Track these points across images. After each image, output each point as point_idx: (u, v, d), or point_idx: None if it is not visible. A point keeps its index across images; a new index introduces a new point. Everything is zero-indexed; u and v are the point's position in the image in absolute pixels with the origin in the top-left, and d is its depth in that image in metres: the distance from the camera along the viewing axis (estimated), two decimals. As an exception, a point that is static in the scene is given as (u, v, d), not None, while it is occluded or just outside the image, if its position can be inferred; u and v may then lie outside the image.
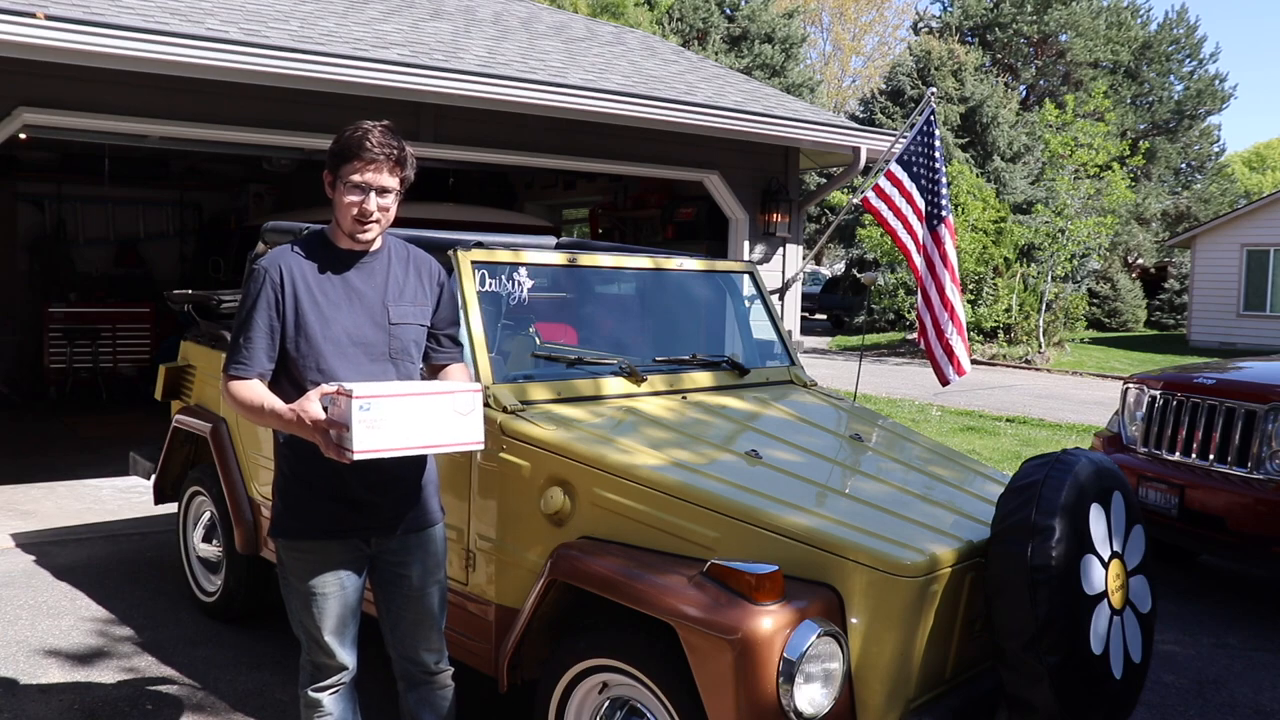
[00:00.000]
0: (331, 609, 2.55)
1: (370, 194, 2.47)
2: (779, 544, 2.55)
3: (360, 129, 2.48)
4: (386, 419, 2.25)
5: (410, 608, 2.65)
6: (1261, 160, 48.01)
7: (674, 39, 27.17)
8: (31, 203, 11.11)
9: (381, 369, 2.55)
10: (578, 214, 11.98)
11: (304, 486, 2.53)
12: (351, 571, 2.58)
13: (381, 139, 2.47)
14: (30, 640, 4.26)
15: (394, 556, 2.62)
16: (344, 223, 2.52)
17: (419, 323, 2.63)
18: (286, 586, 2.60)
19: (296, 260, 2.53)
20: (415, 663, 2.70)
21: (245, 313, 2.51)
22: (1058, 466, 2.62)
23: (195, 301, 4.90)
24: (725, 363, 3.82)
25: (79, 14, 5.25)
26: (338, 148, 2.49)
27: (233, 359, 2.50)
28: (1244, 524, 4.86)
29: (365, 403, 2.23)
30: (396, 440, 2.28)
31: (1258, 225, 21.54)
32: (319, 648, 2.58)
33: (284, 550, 2.57)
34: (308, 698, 2.63)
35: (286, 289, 2.49)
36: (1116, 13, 33.76)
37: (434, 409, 2.32)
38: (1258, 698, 4.09)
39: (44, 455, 7.90)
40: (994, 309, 19.28)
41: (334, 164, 2.50)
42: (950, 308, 6.05)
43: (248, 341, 2.49)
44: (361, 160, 2.45)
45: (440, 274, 2.71)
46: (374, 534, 2.58)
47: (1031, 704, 2.51)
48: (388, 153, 2.47)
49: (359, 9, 7.79)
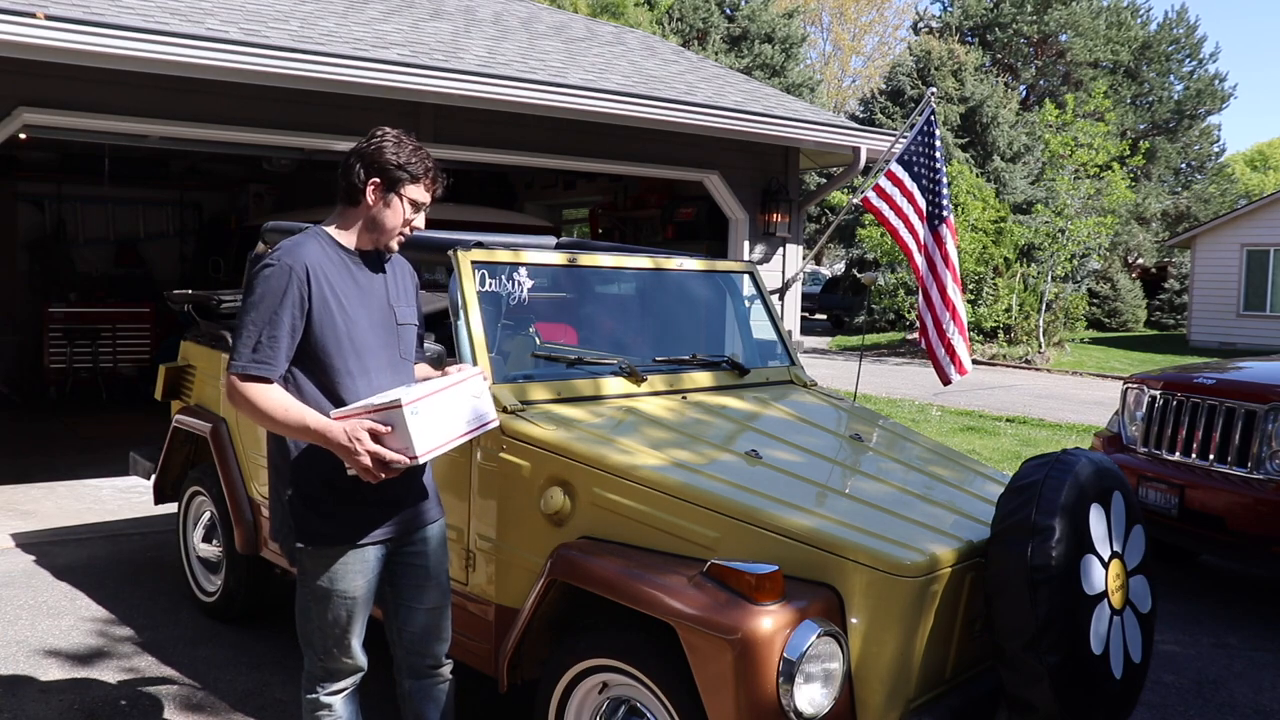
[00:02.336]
0: (359, 613, 2.56)
1: (422, 212, 2.58)
2: (779, 544, 2.55)
3: (419, 148, 2.55)
4: (432, 418, 2.37)
5: (425, 598, 2.68)
6: (1264, 159, 48.01)
7: (674, 39, 27.18)
8: (31, 203, 11.11)
9: (397, 369, 2.60)
10: (578, 214, 11.97)
11: (335, 492, 2.50)
12: (375, 575, 2.59)
13: (434, 162, 2.58)
14: (30, 640, 4.26)
15: (410, 549, 2.65)
16: (387, 234, 2.56)
17: (414, 322, 2.70)
18: (308, 591, 2.55)
19: (319, 258, 2.49)
20: (426, 655, 2.71)
21: (269, 309, 2.38)
22: (1058, 466, 2.62)
23: (195, 301, 4.89)
24: (725, 363, 3.82)
25: (79, 14, 5.25)
26: (401, 162, 2.50)
27: (254, 358, 2.36)
28: (1244, 524, 4.86)
29: (414, 407, 2.33)
30: (443, 435, 2.40)
31: (1258, 225, 21.54)
32: (338, 649, 2.56)
33: (310, 559, 2.52)
34: (318, 701, 2.61)
35: (314, 287, 2.44)
36: (1116, 13, 33.75)
37: (460, 399, 2.45)
38: (1258, 698, 4.09)
39: (44, 455, 7.90)
40: (994, 309, 19.28)
41: (394, 177, 2.51)
42: (952, 307, 6.05)
43: (272, 340, 2.37)
44: (429, 180, 2.56)
45: (414, 275, 2.80)
46: (401, 532, 2.60)
47: (1031, 704, 2.51)
48: (441, 176, 2.60)
49: (359, 9, 7.79)
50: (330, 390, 2.48)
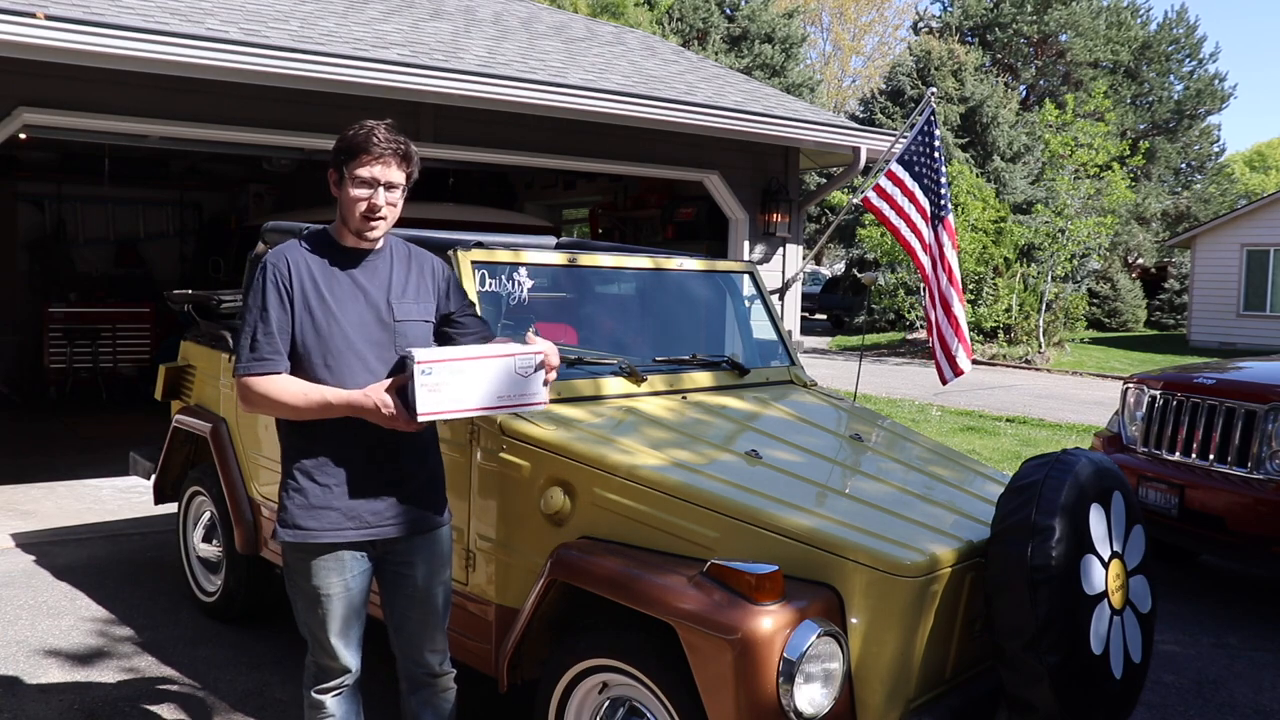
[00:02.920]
0: (336, 611, 2.54)
1: (379, 189, 2.47)
2: (779, 544, 2.55)
3: (365, 126, 2.49)
4: (448, 382, 2.35)
5: (415, 609, 2.64)
6: (1263, 159, 47.98)
7: (674, 39, 27.17)
8: (31, 203, 11.11)
9: (387, 367, 2.54)
10: (578, 214, 11.98)
11: (316, 486, 2.50)
12: (357, 575, 2.57)
13: (387, 135, 2.49)
14: (30, 640, 4.26)
15: (401, 557, 2.61)
16: (351, 220, 2.51)
17: (422, 319, 2.61)
18: (293, 587, 2.59)
19: (302, 256, 2.51)
20: (419, 664, 2.70)
21: (258, 308, 2.46)
22: (1058, 466, 2.62)
23: (195, 301, 4.89)
24: (725, 363, 3.82)
25: (79, 14, 5.25)
26: (344, 145, 2.50)
27: (255, 356, 2.42)
28: (1244, 524, 4.86)
29: (426, 367, 2.34)
30: (459, 403, 2.37)
31: (1258, 225, 21.54)
32: (323, 649, 2.58)
33: (290, 552, 2.55)
34: (311, 699, 2.63)
35: (295, 284, 2.47)
36: (1116, 13, 33.75)
37: (495, 371, 2.40)
38: (1258, 698, 4.09)
39: (44, 455, 7.90)
40: (994, 309, 19.28)
41: (340, 161, 2.50)
42: (949, 308, 6.06)
43: (268, 336, 2.43)
44: (369, 155, 2.46)
45: (442, 269, 2.70)
46: (383, 536, 2.56)
47: (1031, 704, 2.51)
48: (394, 148, 2.48)
49: (359, 9, 7.79)
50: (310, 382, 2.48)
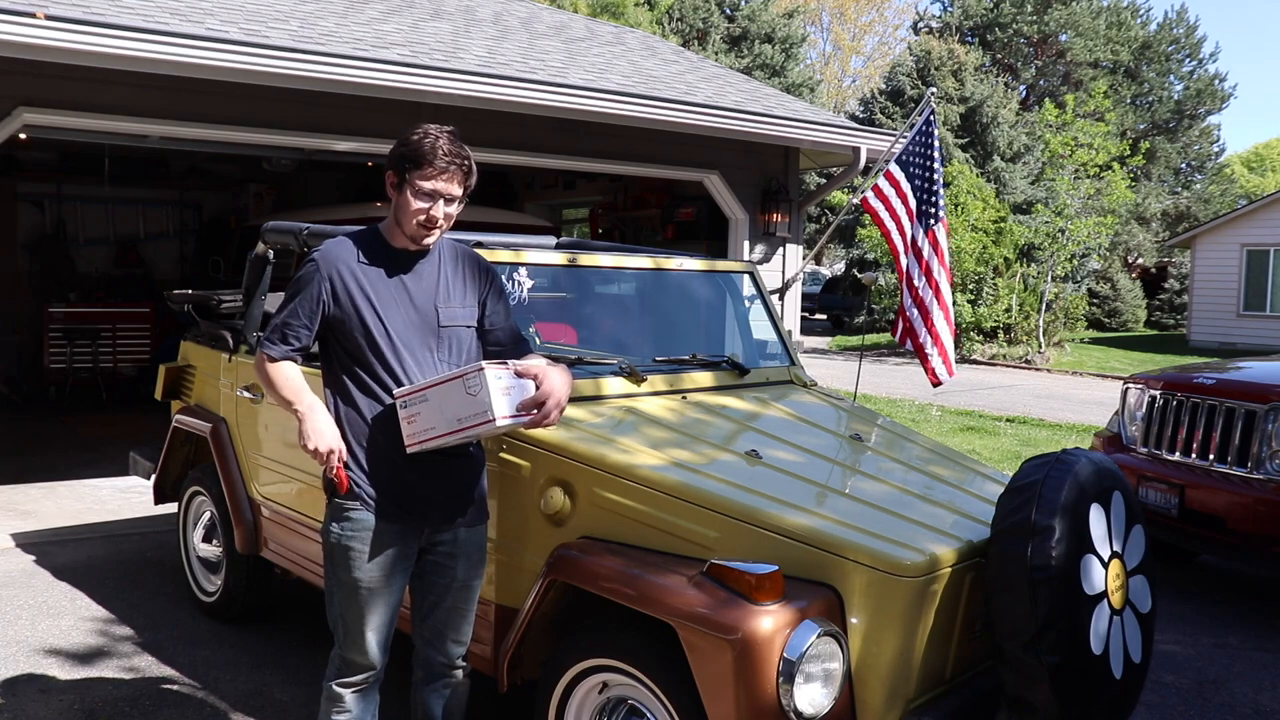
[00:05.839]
0: (375, 605, 2.56)
1: (438, 202, 2.49)
2: (779, 544, 2.55)
3: (429, 135, 2.49)
4: (419, 412, 2.41)
5: (449, 598, 2.68)
6: (1261, 161, 47.93)
7: (674, 39, 27.16)
8: (31, 203, 11.10)
9: (436, 370, 2.57)
10: (578, 214, 11.98)
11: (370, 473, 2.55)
12: (400, 571, 2.60)
13: (450, 148, 2.49)
14: (30, 640, 4.26)
15: (444, 548, 2.65)
16: (407, 226, 2.53)
17: (466, 324, 2.64)
18: (332, 579, 2.59)
19: (352, 258, 2.55)
20: (442, 653, 2.73)
21: (291, 299, 2.55)
22: (1058, 466, 2.62)
23: (195, 301, 4.90)
24: (725, 363, 3.82)
25: (79, 14, 5.25)
26: (407, 151, 2.49)
27: (268, 337, 2.57)
28: (1244, 524, 4.86)
29: (403, 400, 2.45)
30: (430, 431, 2.43)
31: (1258, 225, 21.54)
32: (353, 644, 2.59)
33: (335, 540, 2.55)
34: (331, 690, 2.65)
35: (340, 285, 2.52)
36: (1116, 13, 33.74)
37: (450, 394, 2.41)
38: (1258, 698, 4.09)
39: (44, 455, 7.90)
40: (994, 309, 19.27)
41: (401, 167, 2.50)
42: (946, 309, 6.08)
43: (287, 325, 2.54)
44: (433, 168, 2.47)
45: (487, 268, 2.72)
46: (430, 524, 2.60)
47: (1031, 704, 2.51)
48: (458, 163, 2.50)
49: (359, 9, 7.79)
50: (368, 386, 2.53)
